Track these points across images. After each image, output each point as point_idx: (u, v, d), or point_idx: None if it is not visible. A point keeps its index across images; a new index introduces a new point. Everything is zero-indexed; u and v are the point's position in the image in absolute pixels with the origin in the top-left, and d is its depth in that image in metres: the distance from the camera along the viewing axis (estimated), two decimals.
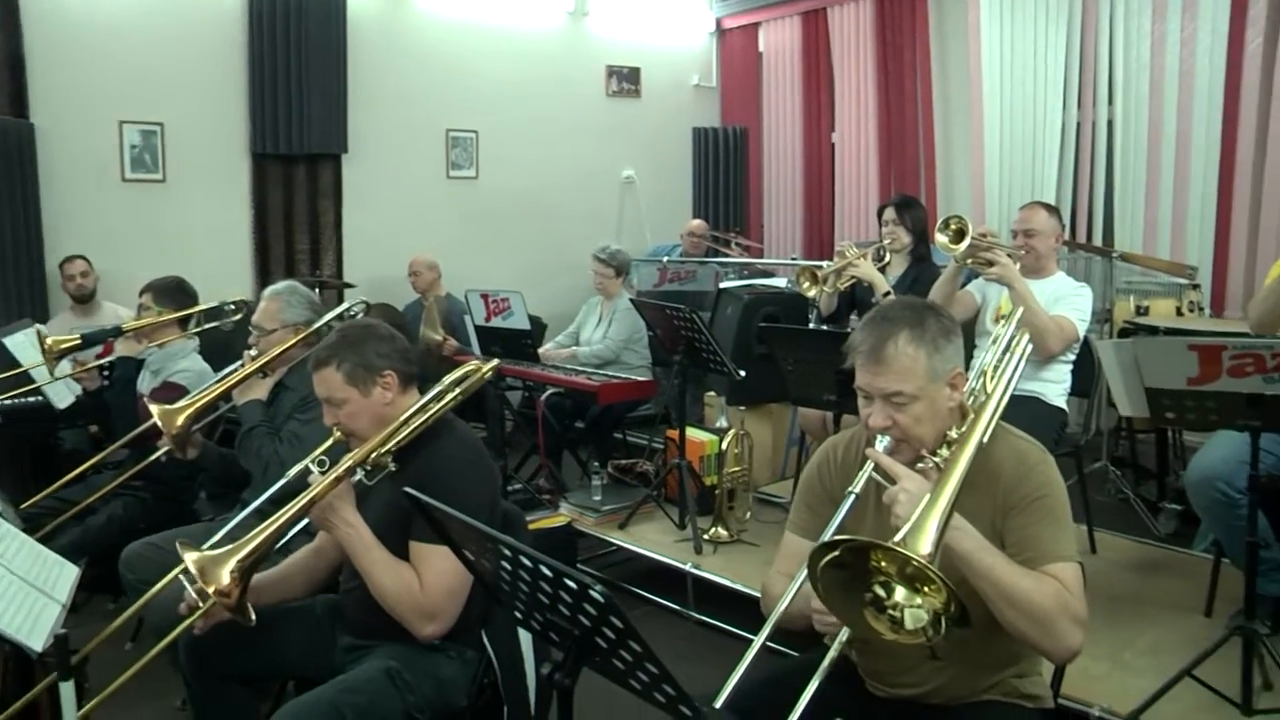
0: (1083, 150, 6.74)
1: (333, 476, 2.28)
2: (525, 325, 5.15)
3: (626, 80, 8.34)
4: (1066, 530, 1.93)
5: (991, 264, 3.74)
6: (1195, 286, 5.65)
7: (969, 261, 3.80)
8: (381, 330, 2.52)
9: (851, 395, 2.06)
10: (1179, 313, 5.45)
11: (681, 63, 8.75)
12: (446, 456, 2.39)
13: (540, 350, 5.86)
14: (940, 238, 3.81)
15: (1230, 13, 5.88)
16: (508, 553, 1.60)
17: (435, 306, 5.77)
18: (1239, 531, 2.85)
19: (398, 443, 2.37)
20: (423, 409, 2.44)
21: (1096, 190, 6.73)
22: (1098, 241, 6.65)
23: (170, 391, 3.68)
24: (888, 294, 4.16)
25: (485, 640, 2.41)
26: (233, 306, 4.14)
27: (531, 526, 4.09)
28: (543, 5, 7.87)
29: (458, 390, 2.53)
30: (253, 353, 3.36)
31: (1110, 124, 6.56)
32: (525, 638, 2.41)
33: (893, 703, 2.06)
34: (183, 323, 3.98)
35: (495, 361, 2.78)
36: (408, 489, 1.85)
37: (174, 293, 4.00)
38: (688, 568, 4.02)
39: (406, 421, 2.40)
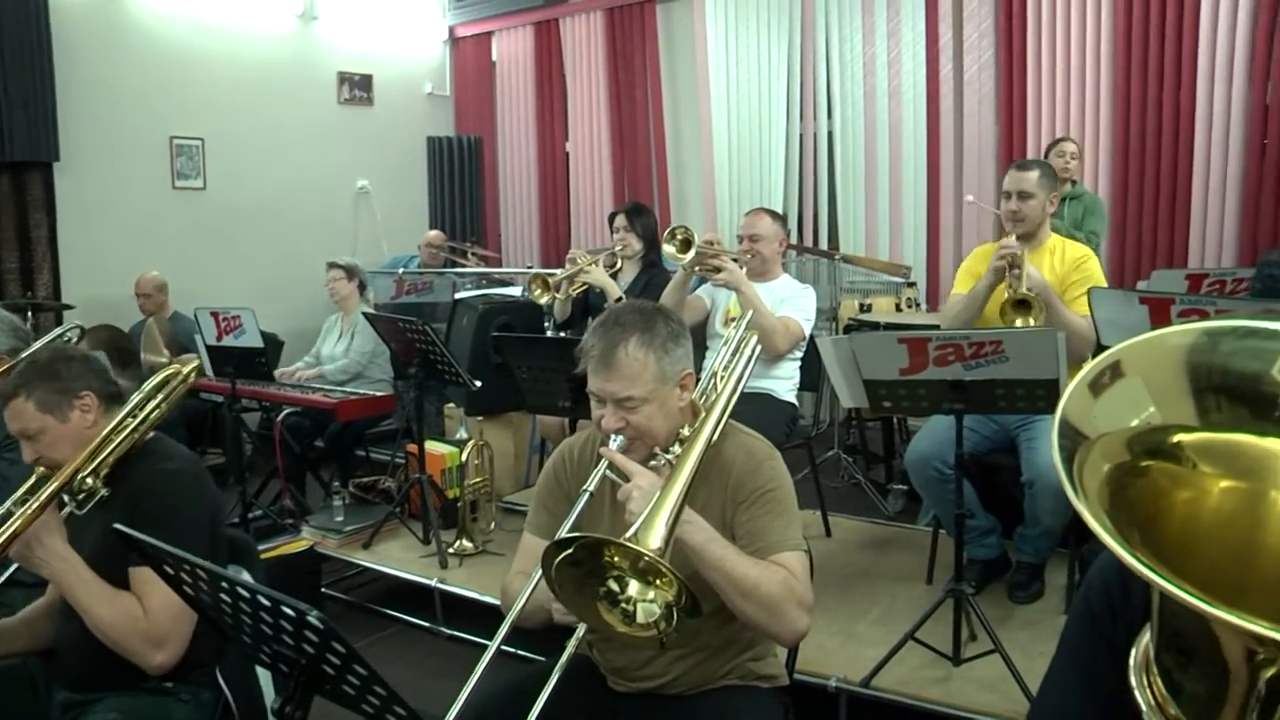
0: (806, 160, 7.12)
1: (34, 506, 2.10)
2: (258, 343, 4.91)
3: (359, 88, 8.12)
4: (793, 521, 2.02)
5: (719, 270, 3.88)
6: (911, 284, 6.12)
7: (697, 269, 3.93)
8: (72, 351, 2.39)
9: (585, 401, 2.08)
10: (898, 308, 5.87)
11: (415, 71, 8.61)
12: (158, 471, 2.25)
13: (286, 370, 5.67)
14: (668, 248, 3.94)
15: (925, 40, 6.41)
16: (225, 585, 1.53)
17: (156, 327, 5.44)
18: (951, 505, 3.10)
19: (103, 460, 2.21)
20: (128, 419, 2.29)
21: (820, 197, 7.12)
22: (823, 245, 7.04)
23: None
24: (620, 299, 4.25)
25: (220, 679, 2.27)
26: None
27: (273, 553, 3.95)
28: (270, 7, 7.51)
29: (159, 397, 2.37)
30: None
31: (831, 135, 6.97)
32: (266, 674, 2.30)
33: (635, 696, 2.10)
34: None
35: (196, 362, 2.61)
36: (117, 525, 1.73)
37: None
38: (434, 583, 3.96)
39: (109, 437, 2.24)
